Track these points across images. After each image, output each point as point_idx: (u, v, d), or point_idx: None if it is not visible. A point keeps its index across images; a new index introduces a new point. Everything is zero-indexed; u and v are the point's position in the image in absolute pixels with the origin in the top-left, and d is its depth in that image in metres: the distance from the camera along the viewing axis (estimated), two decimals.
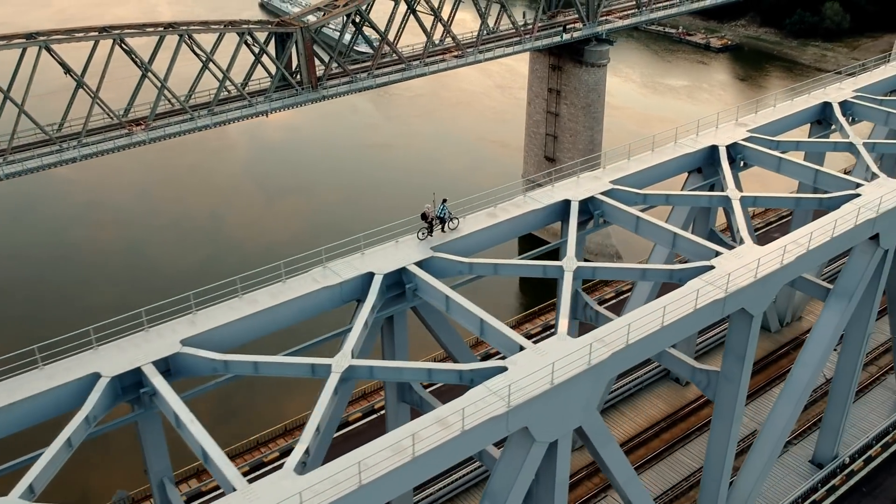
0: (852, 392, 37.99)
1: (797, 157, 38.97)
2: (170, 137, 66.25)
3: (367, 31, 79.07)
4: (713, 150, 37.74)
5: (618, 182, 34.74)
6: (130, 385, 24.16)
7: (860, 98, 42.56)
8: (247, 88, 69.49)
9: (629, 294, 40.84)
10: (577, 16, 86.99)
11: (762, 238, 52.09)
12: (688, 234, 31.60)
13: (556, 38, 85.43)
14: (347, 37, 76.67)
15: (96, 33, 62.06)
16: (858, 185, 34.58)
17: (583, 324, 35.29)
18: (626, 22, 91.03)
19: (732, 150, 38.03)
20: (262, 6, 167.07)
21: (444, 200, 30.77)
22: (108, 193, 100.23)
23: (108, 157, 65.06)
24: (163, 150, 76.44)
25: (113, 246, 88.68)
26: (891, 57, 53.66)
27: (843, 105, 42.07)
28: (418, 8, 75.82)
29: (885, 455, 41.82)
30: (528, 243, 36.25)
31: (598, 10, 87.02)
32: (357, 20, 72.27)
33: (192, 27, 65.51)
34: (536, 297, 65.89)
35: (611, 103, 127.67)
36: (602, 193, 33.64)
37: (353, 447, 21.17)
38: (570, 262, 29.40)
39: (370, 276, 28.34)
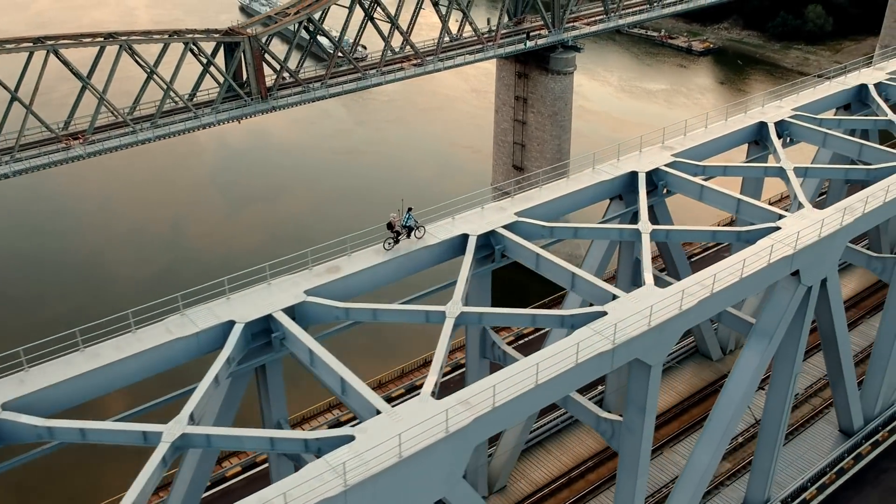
0: (782, 433, 35.57)
1: (728, 182, 36.83)
2: (109, 152, 64.03)
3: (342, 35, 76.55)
4: (633, 176, 35.38)
5: (524, 214, 32.42)
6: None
7: (799, 118, 40.16)
8: (195, 99, 67.23)
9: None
10: (542, 22, 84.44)
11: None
12: (585, 274, 29.25)
13: (520, 46, 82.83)
14: (322, 42, 74.78)
15: (30, 44, 59.91)
16: (780, 217, 32.21)
17: (492, 363, 34.03)
18: (594, 28, 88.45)
19: (654, 176, 35.70)
20: (242, 9, 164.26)
21: (410, 209, 30.02)
22: (69, 202, 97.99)
23: (71, 164, 62.95)
24: (129, 156, 73.82)
25: (66, 257, 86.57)
26: (873, 60, 51.20)
27: (780, 125, 39.69)
28: (376, 15, 73.35)
29: (820, 498, 39.41)
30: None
31: (563, 16, 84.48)
32: (311, 28, 70.05)
33: (133, 38, 63.32)
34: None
35: (586, 107, 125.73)
36: (504, 227, 31.41)
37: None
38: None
39: (230, 325, 26.10)
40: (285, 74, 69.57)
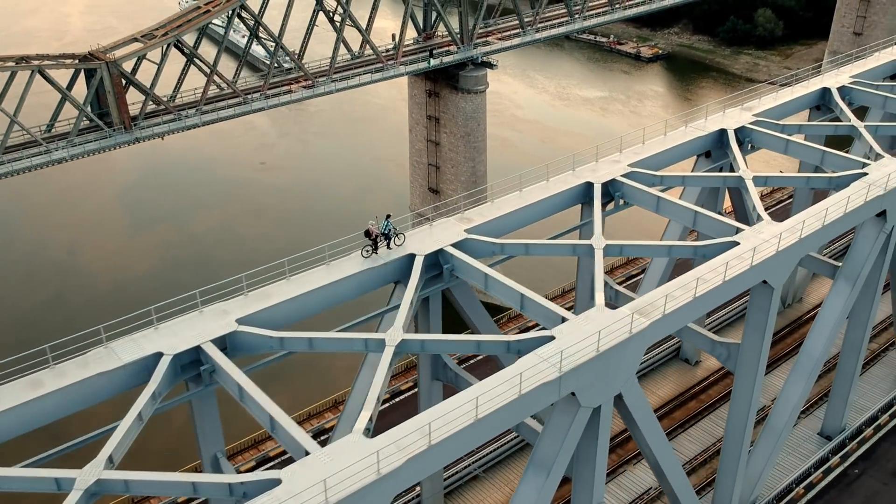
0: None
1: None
2: None
3: (289, 42, 73.00)
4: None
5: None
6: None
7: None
8: (54, 130, 62.56)
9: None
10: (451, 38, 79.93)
11: None
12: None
13: (423, 65, 77.66)
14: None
15: None
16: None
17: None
18: (508, 44, 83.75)
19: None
20: None
21: (388, 216, 29.52)
22: None
23: None
24: (33, 175, 67.78)
25: None
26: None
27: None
28: (261, 33, 68.92)
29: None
30: None
31: (473, 31, 79.78)
32: (186, 51, 65.28)
33: None
34: None
35: (518, 116, 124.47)
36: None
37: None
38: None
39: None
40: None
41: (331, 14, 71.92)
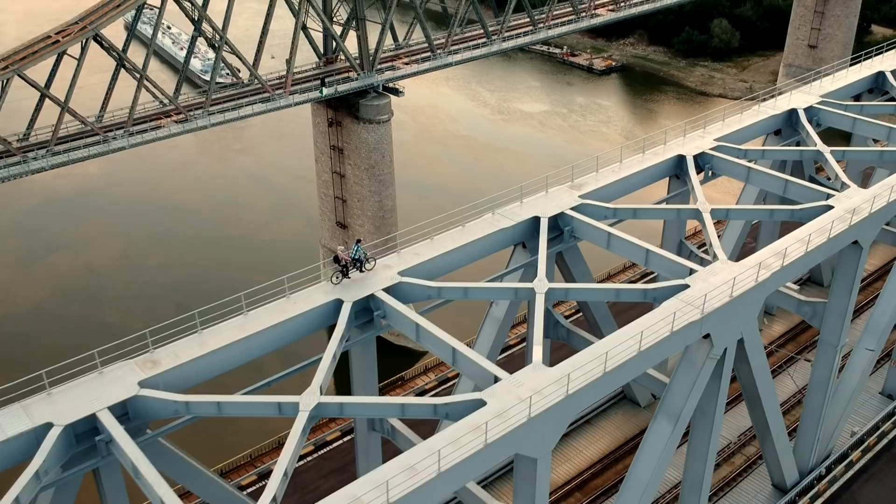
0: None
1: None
2: None
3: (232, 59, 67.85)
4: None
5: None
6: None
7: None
8: None
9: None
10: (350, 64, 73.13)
11: None
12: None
13: (315, 94, 71.12)
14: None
15: None
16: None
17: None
18: (416, 69, 77.60)
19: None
20: (126, 28, 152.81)
21: (359, 241, 28.61)
22: None
23: None
24: None
25: None
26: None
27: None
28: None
29: None
30: None
31: (375, 56, 73.79)
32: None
33: None
34: None
35: (450, 130, 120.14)
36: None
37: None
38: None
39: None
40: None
41: (212, 40, 66.37)
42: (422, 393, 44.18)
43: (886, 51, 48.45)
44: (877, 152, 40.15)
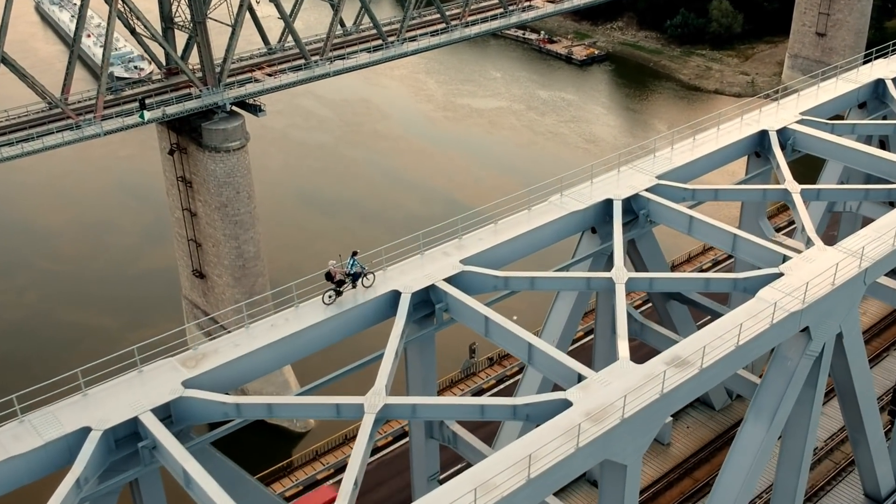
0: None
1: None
2: None
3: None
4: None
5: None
6: None
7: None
8: None
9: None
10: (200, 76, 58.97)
11: None
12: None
13: (132, 120, 55.75)
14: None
15: None
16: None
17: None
18: (279, 82, 62.09)
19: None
20: (38, 10, 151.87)
21: (354, 253, 24.85)
22: None
23: None
24: None
25: None
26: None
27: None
28: None
29: None
30: None
31: (223, 67, 59.09)
32: None
33: None
34: None
35: (379, 130, 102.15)
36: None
37: None
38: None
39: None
40: None
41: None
42: None
43: None
44: None
